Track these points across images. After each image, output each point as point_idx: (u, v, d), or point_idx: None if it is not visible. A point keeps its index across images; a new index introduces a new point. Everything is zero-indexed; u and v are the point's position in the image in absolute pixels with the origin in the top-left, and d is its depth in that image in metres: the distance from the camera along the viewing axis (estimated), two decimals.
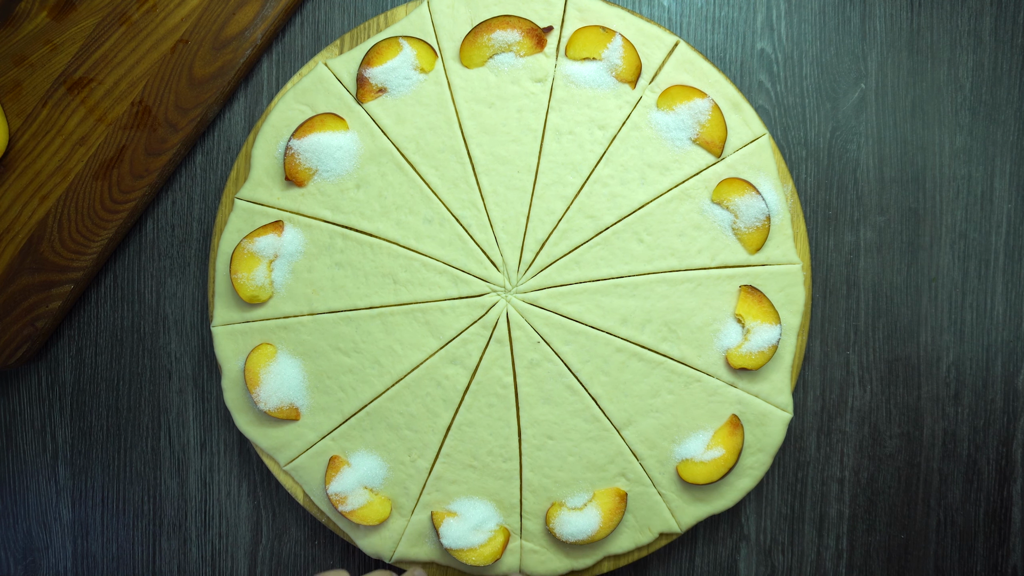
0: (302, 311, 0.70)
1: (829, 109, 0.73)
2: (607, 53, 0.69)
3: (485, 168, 0.70)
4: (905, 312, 0.73)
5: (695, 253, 0.69)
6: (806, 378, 0.73)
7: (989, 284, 0.74)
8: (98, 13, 0.71)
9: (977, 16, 0.74)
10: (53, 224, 0.72)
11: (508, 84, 0.70)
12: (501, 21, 0.69)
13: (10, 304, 0.72)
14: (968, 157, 0.74)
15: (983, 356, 0.74)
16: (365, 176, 0.70)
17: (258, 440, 0.70)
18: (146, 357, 0.75)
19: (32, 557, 0.76)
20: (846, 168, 0.73)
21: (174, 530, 0.75)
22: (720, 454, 0.68)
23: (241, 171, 0.72)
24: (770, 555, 0.74)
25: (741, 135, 0.70)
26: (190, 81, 0.71)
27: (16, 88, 0.71)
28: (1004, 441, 0.74)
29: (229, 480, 0.75)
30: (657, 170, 0.69)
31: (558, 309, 0.69)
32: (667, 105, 0.69)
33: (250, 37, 0.72)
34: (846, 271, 0.73)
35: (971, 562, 0.74)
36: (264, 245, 0.69)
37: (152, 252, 0.75)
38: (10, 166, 0.71)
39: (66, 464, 0.75)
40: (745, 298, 0.69)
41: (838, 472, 0.74)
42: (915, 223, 0.73)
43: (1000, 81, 0.74)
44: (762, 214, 0.68)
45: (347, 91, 0.70)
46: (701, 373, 0.69)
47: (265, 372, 0.69)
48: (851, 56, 0.73)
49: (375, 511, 0.68)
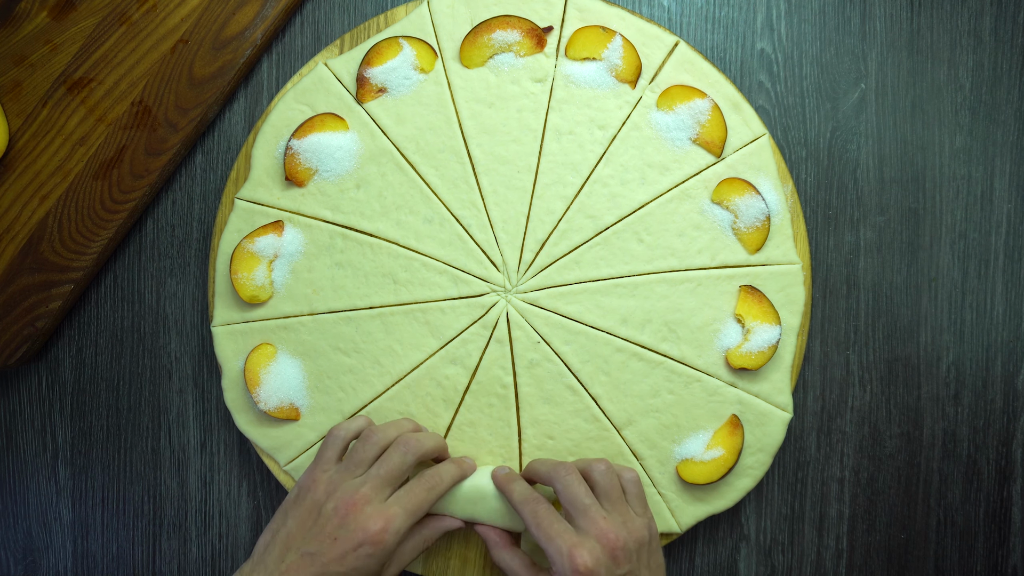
0: (302, 311, 0.70)
1: (829, 109, 0.73)
2: (607, 53, 0.69)
3: (485, 168, 0.70)
4: (905, 312, 0.73)
5: (695, 253, 0.69)
6: (806, 378, 0.73)
7: (989, 284, 0.74)
8: (98, 13, 0.71)
9: (977, 16, 0.74)
10: (53, 224, 0.72)
11: (508, 84, 0.70)
12: (501, 21, 0.69)
13: (10, 304, 0.72)
14: (968, 157, 0.74)
15: (983, 356, 0.74)
16: (365, 176, 0.70)
17: (258, 440, 0.70)
18: (146, 357, 0.75)
19: (32, 557, 0.76)
20: (846, 168, 0.73)
21: (174, 530, 0.75)
22: (720, 454, 0.68)
23: (241, 171, 0.72)
24: (770, 555, 0.74)
25: (741, 135, 0.70)
26: (190, 81, 0.71)
27: (16, 88, 0.71)
28: (1004, 441, 0.74)
29: (229, 480, 0.75)
30: (657, 170, 0.69)
31: (558, 309, 0.69)
32: (667, 105, 0.69)
33: (250, 37, 0.71)
34: (846, 271, 0.73)
35: (971, 562, 0.74)
36: (264, 245, 0.69)
37: (152, 252, 0.75)
38: (10, 166, 0.71)
39: (66, 464, 0.75)
40: (745, 298, 0.69)
41: (838, 472, 0.74)
42: (915, 223, 0.73)
43: (1000, 81, 0.74)
44: (762, 214, 0.68)
45: (347, 91, 0.70)
46: (701, 373, 0.69)
47: (265, 372, 0.69)
48: (851, 56, 0.73)
49: None
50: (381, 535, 0.58)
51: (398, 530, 0.59)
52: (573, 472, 0.62)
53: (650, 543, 0.62)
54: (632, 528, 0.61)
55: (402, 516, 0.59)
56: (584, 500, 0.61)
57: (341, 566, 0.57)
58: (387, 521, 0.58)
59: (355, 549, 0.57)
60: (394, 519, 0.59)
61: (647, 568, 0.61)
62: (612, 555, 0.58)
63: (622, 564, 0.58)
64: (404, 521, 0.59)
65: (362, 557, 0.58)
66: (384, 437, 0.63)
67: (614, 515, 0.61)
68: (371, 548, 0.58)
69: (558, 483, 0.62)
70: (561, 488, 0.62)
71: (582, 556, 0.57)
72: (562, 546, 0.58)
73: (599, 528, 0.59)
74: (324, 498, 0.60)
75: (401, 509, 0.59)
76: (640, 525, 0.61)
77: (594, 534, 0.59)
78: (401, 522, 0.59)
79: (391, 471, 0.61)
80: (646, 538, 0.61)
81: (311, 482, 0.61)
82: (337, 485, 0.60)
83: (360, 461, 0.62)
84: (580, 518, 0.60)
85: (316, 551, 0.58)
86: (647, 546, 0.61)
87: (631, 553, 0.59)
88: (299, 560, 0.58)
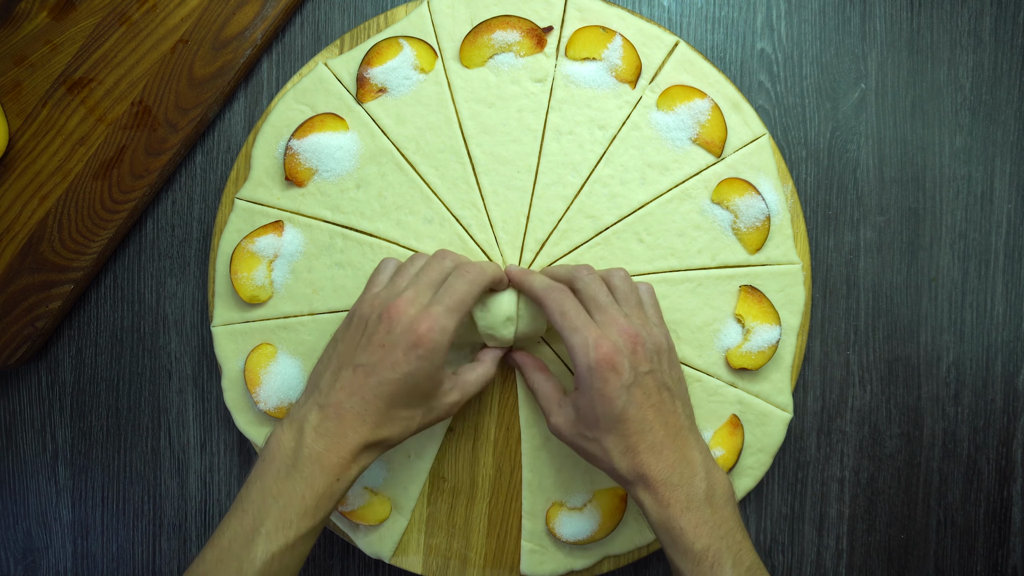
0: (302, 311, 0.70)
1: (829, 109, 0.73)
2: (607, 53, 0.69)
3: (485, 168, 0.70)
4: (905, 312, 0.73)
5: (695, 253, 0.69)
6: (806, 378, 0.73)
7: (989, 284, 0.74)
8: (98, 13, 0.71)
9: (977, 16, 0.74)
10: (53, 224, 0.72)
11: (508, 84, 0.70)
12: (501, 21, 0.69)
13: (10, 304, 0.72)
14: (968, 157, 0.74)
15: (983, 356, 0.74)
16: (365, 176, 0.70)
17: (258, 440, 0.70)
18: (146, 357, 0.75)
19: (32, 557, 0.76)
20: (846, 168, 0.73)
21: (174, 530, 0.75)
22: (720, 454, 0.68)
23: (241, 171, 0.72)
24: (770, 555, 0.74)
25: (741, 135, 0.70)
26: (190, 81, 0.71)
27: (16, 88, 0.71)
28: (1004, 441, 0.74)
29: (229, 480, 0.75)
30: (657, 170, 0.69)
31: None
32: (667, 105, 0.69)
33: (250, 37, 0.71)
34: (846, 271, 0.73)
35: (971, 562, 0.74)
36: (264, 245, 0.69)
37: (152, 252, 0.75)
38: (10, 166, 0.71)
39: (66, 464, 0.75)
40: (745, 298, 0.69)
41: (838, 472, 0.74)
42: (915, 223, 0.73)
43: (1000, 81, 0.74)
44: (762, 214, 0.68)
45: (347, 91, 0.70)
46: (701, 373, 0.69)
47: (265, 372, 0.69)
48: (851, 56, 0.73)
49: (375, 511, 0.68)
50: (429, 334, 0.56)
51: (444, 327, 0.57)
52: (593, 273, 0.61)
53: (669, 353, 0.60)
54: (651, 332, 0.59)
55: (446, 313, 0.57)
56: (604, 298, 0.59)
57: (395, 372, 0.56)
58: (432, 319, 0.56)
59: (405, 352, 0.56)
60: (438, 316, 0.57)
61: (670, 375, 0.60)
62: (633, 350, 0.57)
63: (642, 362, 0.57)
64: (449, 318, 0.57)
65: (413, 360, 0.56)
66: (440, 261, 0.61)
67: (633, 318, 0.60)
68: (421, 349, 0.56)
69: (578, 282, 0.61)
70: (582, 287, 0.60)
71: (607, 344, 0.56)
72: (587, 335, 0.56)
73: (619, 324, 0.58)
74: (369, 311, 0.58)
75: (443, 307, 0.57)
76: (659, 333, 0.60)
77: (616, 328, 0.57)
78: (446, 319, 0.57)
79: (432, 276, 0.60)
80: (664, 346, 0.60)
81: (359, 304, 0.60)
82: (383, 298, 0.59)
83: (405, 274, 0.61)
84: (599, 314, 0.59)
85: (367, 362, 0.56)
86: (667, 354, 0.60)
87: (651, 354, 0.58)
88: (352, 375, 0.56)
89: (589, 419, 0.58)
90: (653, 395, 0.57)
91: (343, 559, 0.74)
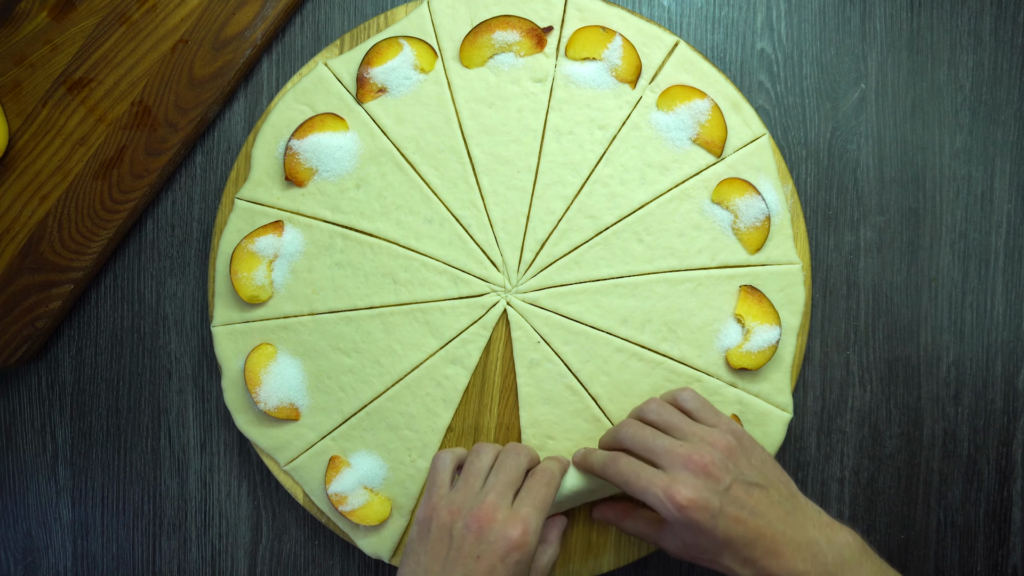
0: (302, 311, 0.70)
1: (829, 109, 0.73)
2: (607, 53, 0.69)
3: (485, 168, 0.70)
4: (905, 312, 0.73)
5: (695, 253, 0.69)
6: (806, 378, 0.73)
7: (989, 284, 0.74)
8: (98, 13, 0.71)
9: (977, 16, 0.74)
10: (53, 224, 0.72)
11: (508, 84, 0.70)
12: (501, 21, 0.69)
13: (10, 304, 0.72)
14: (968, 157, 0.74)
15: (983, 356, 0.74)
16: (365, 176, 0.70)
17: (258, 440, 0.70)
18: (146, 357, 0.75)
19: (32, 557, 0.76)
20: (846, 168, 0.73)
21: (174, 530, 0.75)
22: None
23: (241, 171, 0.72)
24: None
25: (741, 135, 0.70)
26: (190, 81, 0.71)
27: (16, 88, 0.71)
28: (1004, 441, 0.74)
29: (229, 480, 0.75)
30: (657, 170, 0.69)
31: (558, 309, 0.69)
32: (667, 105, 0.69)
33: (250, 37, 0.72)
34: (846, 271, 0.73)
35: (971, 562, 0.74)
36: (264, 245, 0.69)
37: (152, 252, 0.75)
38: (10, 166, 0.71)
39: (66, 464, 0.75)
40: (745, 298, 0.69)
41: (838, 472, 0.74)
42: (915, 223, 0.73)
43: (1000, 81, 0.74)
44: (762, 214, 0.68)
45: (347, 91, 0.70)
46: (701, 373, 0.69)
47: (265, 372, 0.69)
48: (851, 56, 0.73)
49: (375, 511, 0.68)
50: (524, 538, 0.56)
51: (536, 529, 0.57)
52: (631, 423, 0.61)
53: (740, 444, 0.59)
54: (713, 441, 0.58)
55: (535, 515, 0.57)
56: (655, 441, 0.59)
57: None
58: (524, 523, 0.56)
59: (503, 559, 0.55)
60: (529, 519, 0.57)
61: (751, 468, 0.58)
62: (707, 474, 0.56)
63: (722, 478, 0.56)
64: (537, 520, 0.57)
65: (511, 565, 0.55)
66: (492, 448, 0.63)
67: (690, 440, 0.59)
68: (518, 554, 0.55)
69: (625, 439, 0.60)
70: (629, 442, 0.60)
71: (680, 491, 0.55)
72: (657, 491, 0.56)
73: (682, 457, 0.57)
74: (451, 520, 0.58)
75: (531, 508, 0.57)
76: (719, 435, 0.59)
77: (680, 464, 0.57)
78: (536, 521, 0.57)
79: (510, 475, 0.59)
80: (733, 443, 0.58)
81: (431, 511, 0.59)
82: (460, 504, 0.58)
83: (477, 472, 0.60)
84: (660, 458, 0.58)
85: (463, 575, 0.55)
86: (739, 449, 0.59)
87: (725, 464, 0.57)
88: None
89: (696, 549, 0.57)
90: (746, 503, 0.56)
91: (343, 559, 0.74)
